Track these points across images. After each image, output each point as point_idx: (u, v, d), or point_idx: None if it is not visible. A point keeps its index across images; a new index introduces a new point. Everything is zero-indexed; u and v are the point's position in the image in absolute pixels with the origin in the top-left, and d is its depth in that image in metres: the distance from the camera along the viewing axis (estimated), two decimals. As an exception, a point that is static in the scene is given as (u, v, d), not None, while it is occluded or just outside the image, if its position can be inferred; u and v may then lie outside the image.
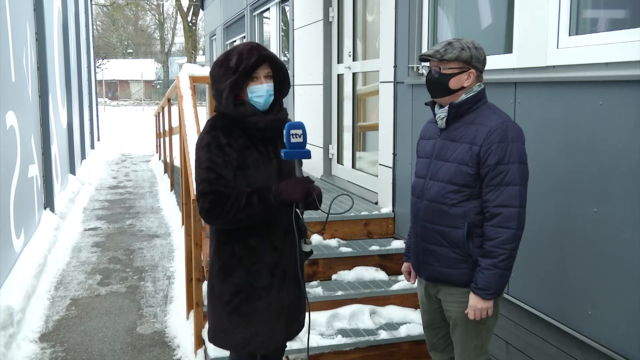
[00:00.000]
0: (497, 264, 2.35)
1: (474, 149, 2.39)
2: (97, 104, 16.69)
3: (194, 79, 4.83)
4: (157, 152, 13.36)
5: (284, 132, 2.28)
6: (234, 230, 2.36)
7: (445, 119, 2.49)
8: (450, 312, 2.58)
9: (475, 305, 2.41)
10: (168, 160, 9.60)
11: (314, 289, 3.94)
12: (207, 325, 3.65)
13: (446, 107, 2.49)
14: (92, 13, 16.39)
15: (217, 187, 2.27)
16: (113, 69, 45.85)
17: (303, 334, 3.62)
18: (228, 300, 2.40)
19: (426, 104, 2.65)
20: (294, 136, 2.28)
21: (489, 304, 2.41)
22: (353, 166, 5.93)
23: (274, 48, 8.99)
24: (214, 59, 3.00)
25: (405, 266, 2.86)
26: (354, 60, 5.80)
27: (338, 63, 6.18)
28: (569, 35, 2.80)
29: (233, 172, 2.30)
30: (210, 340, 2.53)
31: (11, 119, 4.88)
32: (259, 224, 2.35)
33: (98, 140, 16.08)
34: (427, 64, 2.55)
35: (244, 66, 2.28)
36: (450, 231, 2.46)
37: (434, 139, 2.57)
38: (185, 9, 41.65)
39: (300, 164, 2.35)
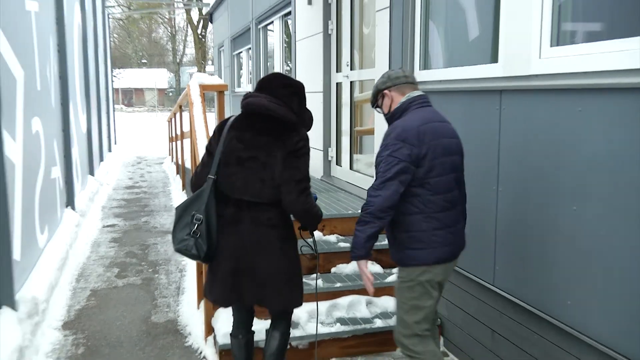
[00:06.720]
0: None
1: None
2: (114, 110, 16.67)
3: (203, 87, 4.83)
4: (169, 155, 13.36)
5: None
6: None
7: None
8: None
9: None
10: (180, 162, 9.61)
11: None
12: (216, 314, 3.66)
13: None
14: (109, 26, 16.38)
15: None
16: (129, 77, 45.94)
17: (304, 322, 3.63)
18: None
19: None
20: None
21: None
22: (351, 167, 5.94)
23: (278, 58, 9.00)
24: (222, 68, 3.03)
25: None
26: (351, 70, 5.80)
27: (337, 72, 6.19)
28: (551, 46, 2.80)
29: None
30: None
31: (36, 125, 4.89)
32: None
33: (115, 143, 16.07)
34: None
35: None
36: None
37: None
38: (195, 22, 41.64)
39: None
